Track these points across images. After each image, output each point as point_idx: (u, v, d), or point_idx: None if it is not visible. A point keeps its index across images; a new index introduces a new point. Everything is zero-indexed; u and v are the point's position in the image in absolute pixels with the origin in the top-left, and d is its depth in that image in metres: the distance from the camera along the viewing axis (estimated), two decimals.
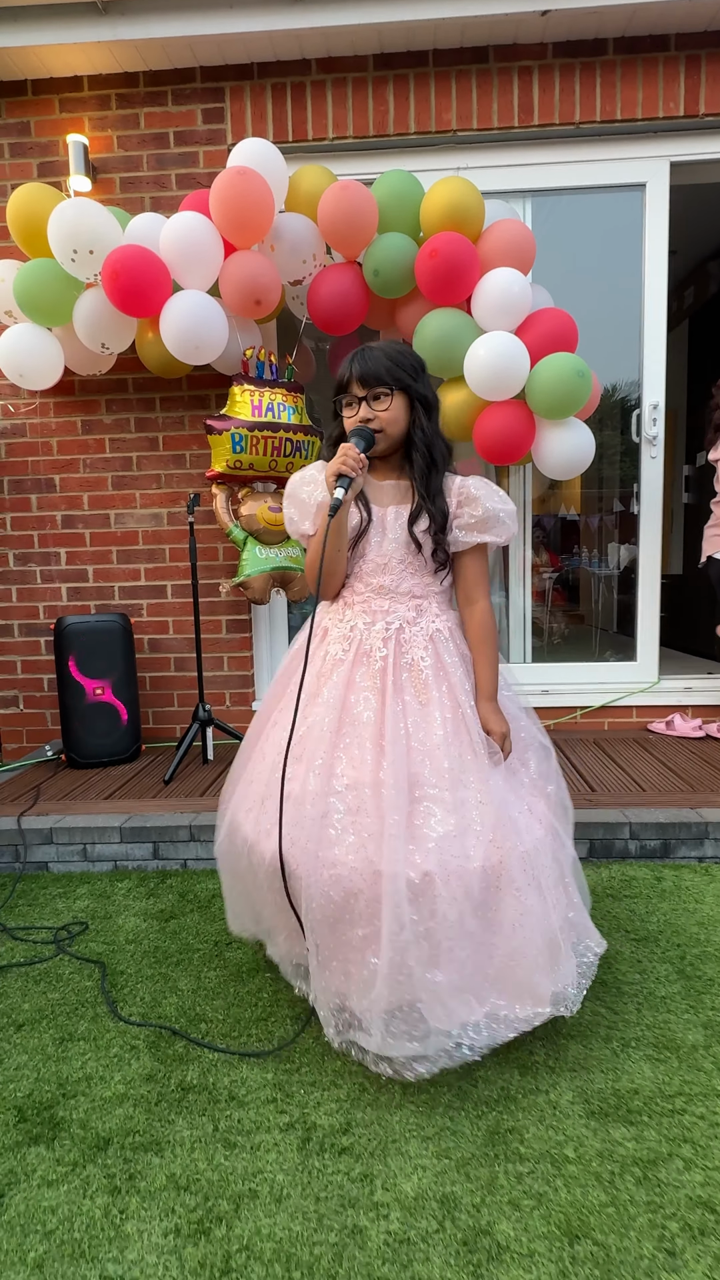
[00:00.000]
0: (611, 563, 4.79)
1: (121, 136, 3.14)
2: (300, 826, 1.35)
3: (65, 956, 1.81)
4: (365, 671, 1.44)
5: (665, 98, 3.00)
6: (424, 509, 1.47)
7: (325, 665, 1.49)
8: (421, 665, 1.45)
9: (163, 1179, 1.15)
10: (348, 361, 1.47)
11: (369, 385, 1.44)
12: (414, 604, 1.50)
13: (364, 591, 1.51)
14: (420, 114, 3.05)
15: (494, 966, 1.32)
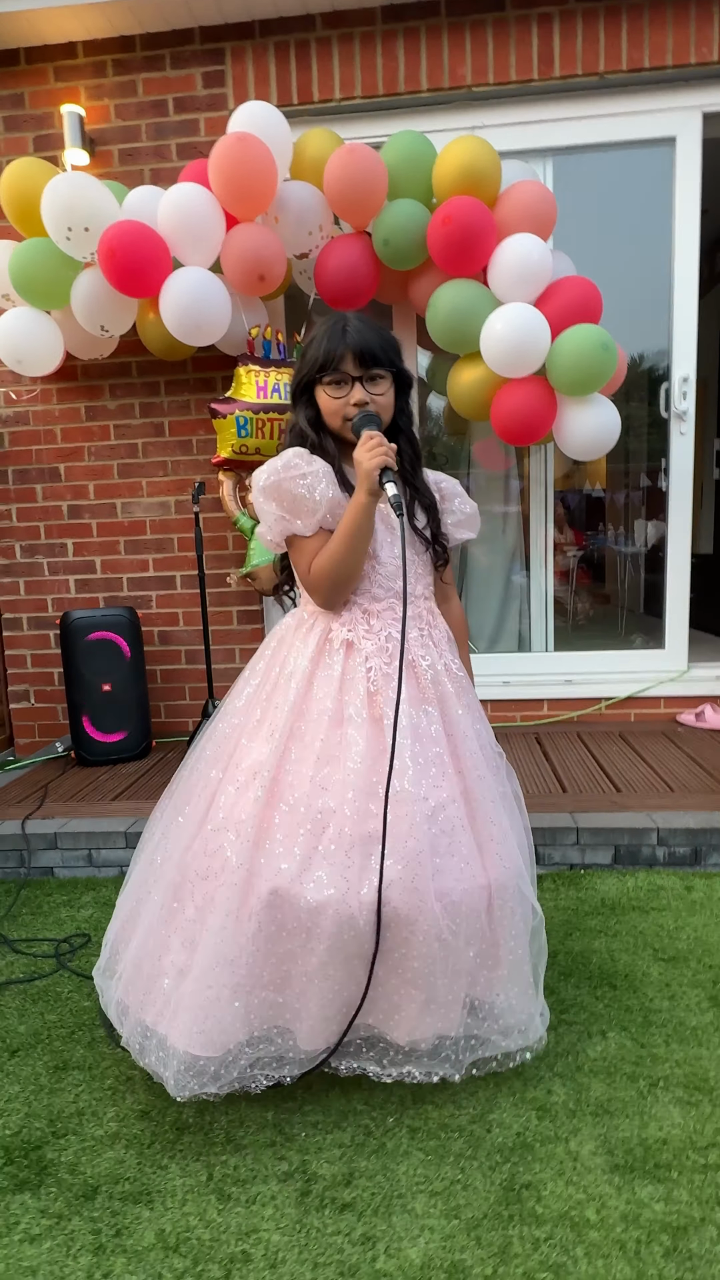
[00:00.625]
0: (639, 540, 4.60)
1: (119, 105, 2.99)
2: (404, 866, 1.17)
3: (65, 973, 1.75)
4: (416, 684, 1.34)
5: (698, 42, 2.77)
6: (417, 503, 1.37)
7: (374, 684, 1.29)
8: (454, 668, 1.39)
9: (151, 1236, 1.07)
10: (336, 334, 1.29)
11: (367, 364, 1.29)
12: (427, 606, 1.42)
13: (385, 597, 1.35)
14: (433, 69, 2.85)
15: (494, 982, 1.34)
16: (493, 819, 1.30)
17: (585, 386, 2.51)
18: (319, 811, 1.22)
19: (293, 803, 1.24)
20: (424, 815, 1.22)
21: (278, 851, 1.21)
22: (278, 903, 1.19)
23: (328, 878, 1.18)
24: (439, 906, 1.19)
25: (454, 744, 1.32)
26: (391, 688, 1.26)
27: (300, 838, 1.21)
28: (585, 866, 2.13)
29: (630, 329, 2.82)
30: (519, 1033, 1.31)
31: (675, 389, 3.03)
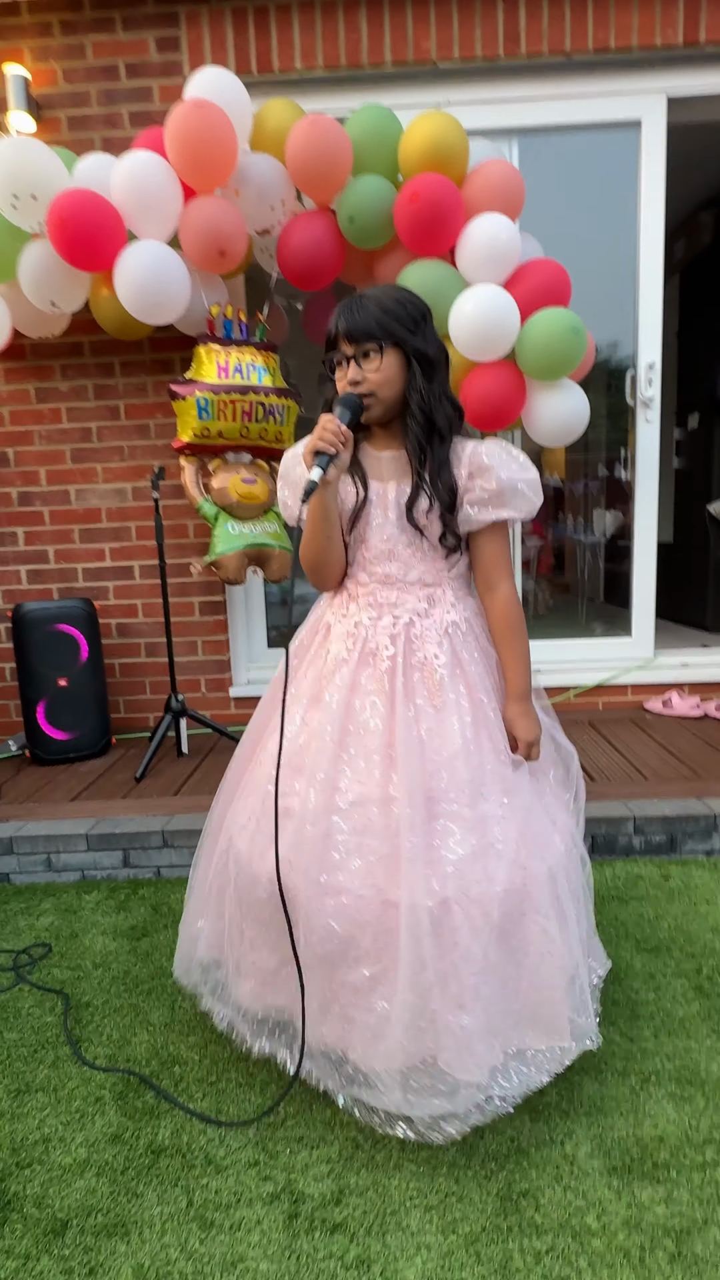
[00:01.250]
0: (599, 530, 4.63)
1: (67, 69, 2.83)
2: (299, 848, 1.19)
3: (25, 987, 1.65)
4: (371, 673, 1.25)
5: (663, 24, 2.74)
6: (422, 488, 1.25)
7: (328, 666, 1.29)
8: (435, 664, 1.25)
9: (128, 1272, 1.00)
10: (336, 314, 1.24)
11: (357, 341, 1.22)
12: (425, 593, 1.29)
13: (368, 582, 1.30)
14: (396, 42, 2.77)
15: (520, 1002, 1.17)
16: (423, 836, 1.15)
17: (555, 371, 2.48)
18: (262, 779, 1.31)
19: (255, 765, 1.36)
20: (331, 805, 1.20)
21: (237, 812, 1.35)
22: (229, 849, 1.32)
23: (245, 837, 1.30)
24: (329, 902, 1.16)
25: (392, 744, 1.21)
26: (340, 674, 1.27)
27: (253, 797, 1.33)
28: None
29: (591, 317, 2.77)
30: (402, 1093, 1.13)
31: (641, 375, 3.02)
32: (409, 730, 1.21)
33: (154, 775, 2.59)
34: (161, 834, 2.13)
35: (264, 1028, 1.31)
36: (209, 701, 3.19)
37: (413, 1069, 1.11)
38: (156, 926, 1.86)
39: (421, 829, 1.16)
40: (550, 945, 1.16)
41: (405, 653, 1.26)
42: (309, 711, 1.29)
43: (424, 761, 1.20)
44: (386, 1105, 1.14)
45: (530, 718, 1.28)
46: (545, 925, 1.16)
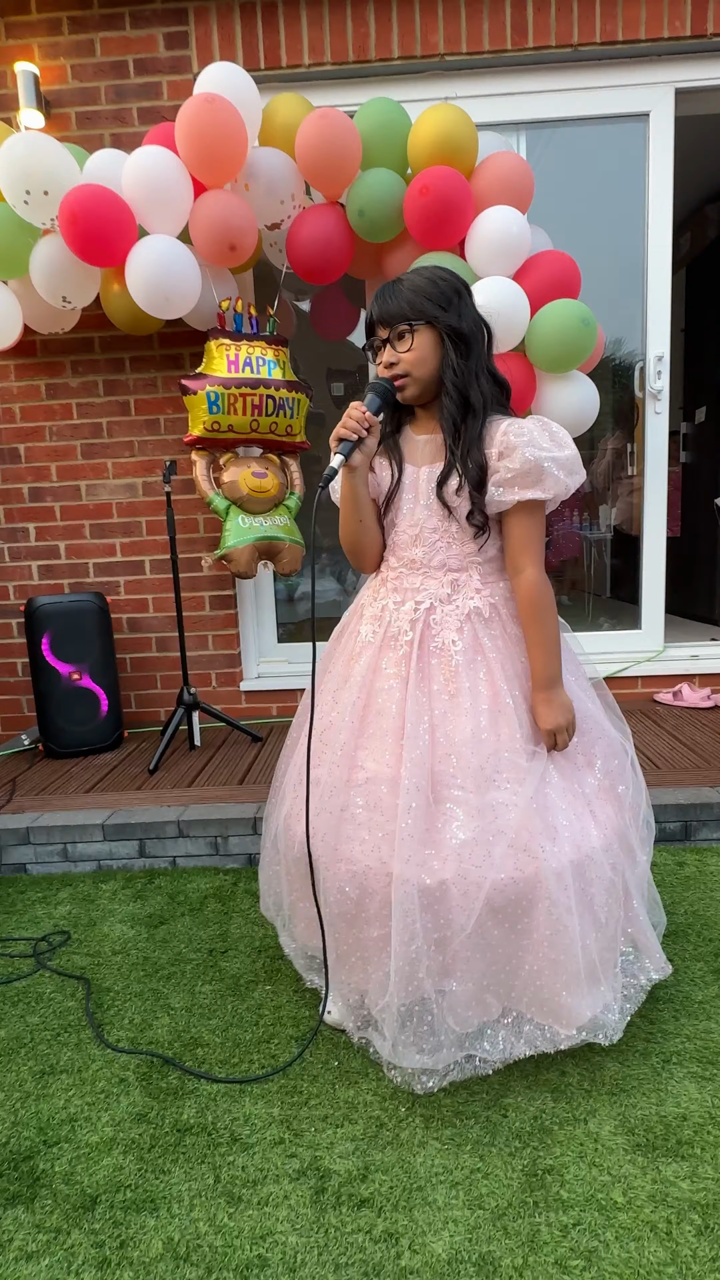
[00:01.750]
0: (603, 525, 4.63)
1: (76, 66, 2.85)
2: (321, 816, 1.29)
3: (46, 972, 1.66)
4: (391, 657, 1.29)
5: (670, 15, 2.75)
6: (453, 467, 1.25)
7: (356, 647, 1.36)
8: (452, 650, 1.26)
9: (159, 1246, 1.01)
10: (373, 300, 1.27)
11: (389, 324, 1.24)
12: (449, 579, 1.30)
13: (397, 566, 1.34)
14: (404, 36, 2.78)
15: (520, 979, 1.20)
16: (423, 819, 1.19)
17: (565, 363, 2.48)
18: (300, 754, 1.37)
19: (296, 745, 1.44)
20: (350, 780, 1.27)
21: (286, 781, 1.45)
22: (277, 816, 1.46)
23: (283, 808, 1.41)
24: (343, 869, 1.24)
25: (402, 724, 1.24)
26: (366, 655, 1.32)
27: (290, 774, 1.43)
28: None
29: (599, 309, 2.77)
30: (405, 1048, 1.21)
31: (650, 367, 3.03)
32: (419, 715, 1.23)
33: (167, 768, 2.61)
34: (177, 824, 2.14)
35: (314, 963, 1.48)
36: (220, 695, 3.20)
37: (405, 1021, 1.21)
38: (174, 914, 1.87)
39: (423, 811, 1.19)
40: (561, 935, 1.16)
41: (423, 638, 1.28)
42: (340, 690, 1.35)
43: (433, 746, 1.22)
44: (383, 1051, 1.24)
45: (552, 705, 1.25)
46: (557, 913, 1.15)
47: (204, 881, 2.04)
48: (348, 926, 1.27)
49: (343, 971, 1.31)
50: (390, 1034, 1.21)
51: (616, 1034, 1.24)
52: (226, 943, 1.73)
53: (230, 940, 1.73)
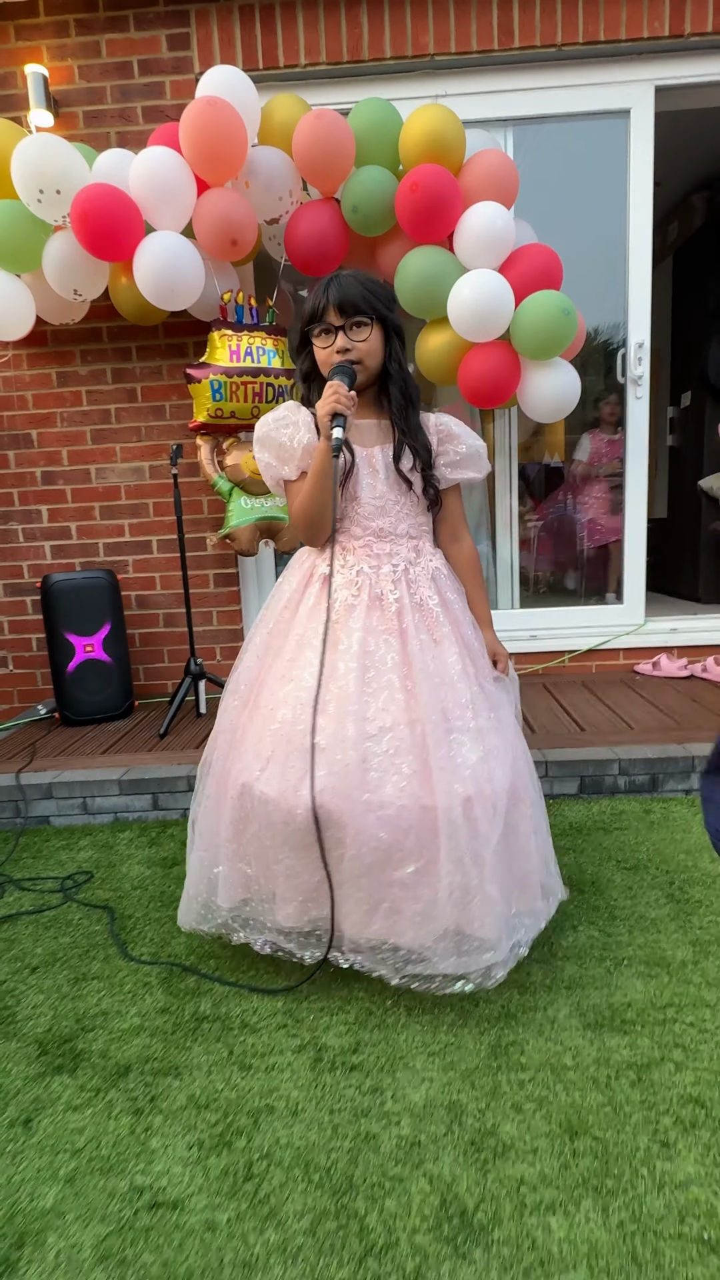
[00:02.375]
0: None
1: (83, 66, 2.99)
2: (338, 774, 1.33)
3: (73, 904, 1.86)
4: (380, 615, 1.44)
5: (650, 16, 2.88)
6: (406, 445, 1.46)
7: (338, 612, 1.44)
8: (430, 604, 1.47)
9: (183, 1099, 1.21)
10: (322, 288, 1.42)
11: (347, 314, 1.41)
12: (412, 544, 1.51)
13: (363, 535, 1.48)
14: (396, 37, 2.92)
15: (515, 874, 1.42)
16: (454, 747, 1.37)
17: (548, 350, 2.64)
18: (278, 721, 1.41)
19: (264, 711, 1.45)
20: (362, 734, 1.35)
21: (247, 751, 1.44)
22: (245, 794, 1.42)
23: (274, 778, 1.39)
24: (372, 817, 1.32)
25: (412, 673, 1.40)
26: (353, 616, 1.43)
27: (265, 741, 1.42)
28: (554, 796, 2.31)
29: (586, 299, 2.92)
30: (456, 957, 1.34)
31: (631, 354, 3.18)
32: (422, 660, 1.41)
33: (175, 733, 2.79)
34: (187, 779, 2.33)
35: (310, 938, 1.44)
36: (223, 668, 3.39)
37: (450, 940, 1.33)
38: (186, 857, 2.06)
39: (444, 742, 1.37)
40: (534, 827, 1.44)
41: (407, 594, 1.46)
42: (330, 654, 1.41)
43: (436, 686, 1.41)
44: (444, 970, 1.33)
45: (497, 640, 1.60)
46: (530, 813, 1.43)
47: None
48: (378, 875, 1.32)
49: (373, 922, 1.34)
50: (451, 951, 1.32)
51: (566, 890, 1.58)
52: None
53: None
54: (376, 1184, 1.04)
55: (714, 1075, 1.19)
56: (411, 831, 1.33)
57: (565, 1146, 1.08)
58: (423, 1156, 1.08)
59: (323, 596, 1.46)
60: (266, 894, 1.44)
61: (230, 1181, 1.06)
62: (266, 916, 1.45)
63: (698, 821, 2.10)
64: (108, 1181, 1.07)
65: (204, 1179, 1.06)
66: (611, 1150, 1.07)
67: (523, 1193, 1.01)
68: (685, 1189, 1.01)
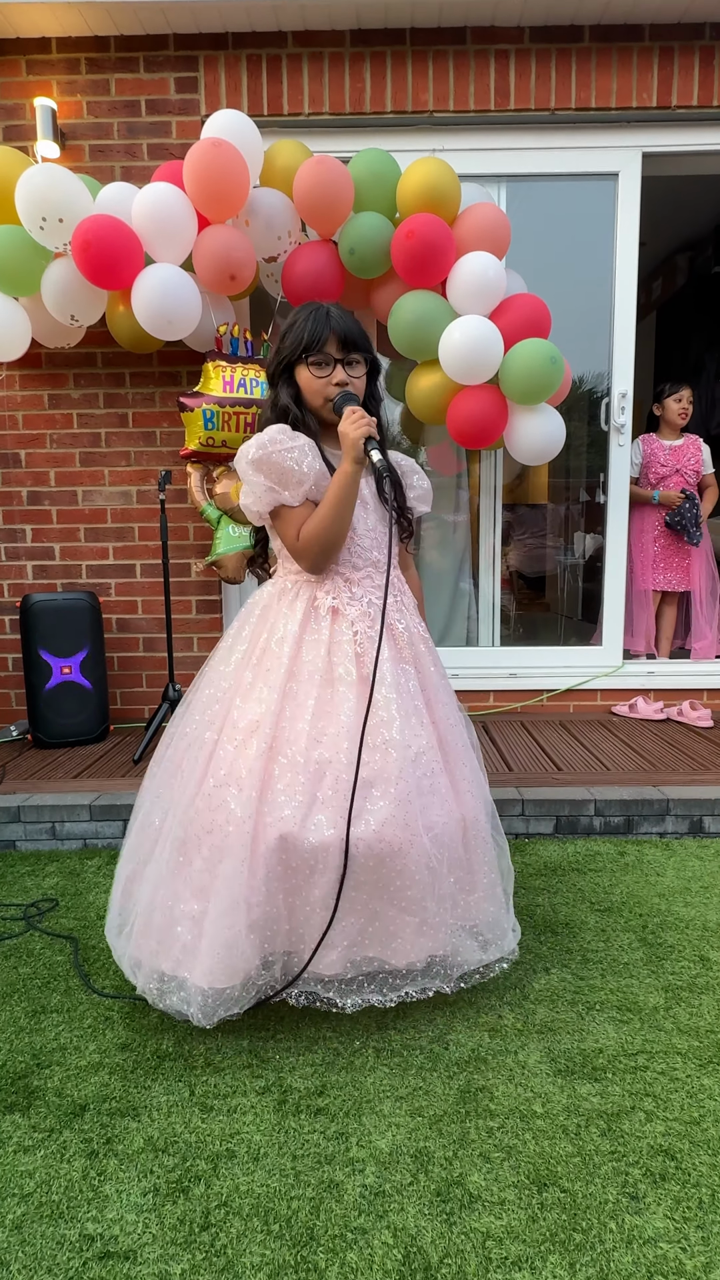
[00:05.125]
0: (577, 551, 4.87)
1: (91, 102, 3.07)
2: (399, 804, 1.32)
3: (35, 933, 1.80)
4: (394, 645, 1.47)
5: (639, 88, 3.03)
6: (388, 480, 1.44)
7: (360, 646, 1.41)
8: (422, 633, 1.55)
9: (140, 1142, 1.16)
10: (321, 319, 1.42)
11: (348, 349, 1.44)
12: (397, 575, 1.54)
13: (363, 566, 1.48)
14: (397, 93, 3.03)
15: None
16: (463, 761, 1.50)
17: (534, 396, 2.71)
18: (315, 762, 1.34)
19: (290, 755, 1.34)
20: (409, 760, 1.36)
21: (280, 800, 1.32)
22: (285, 846, 1.30)
23: (328, 820, 1.31)
24: (427, 839, 1.35)
25: (428, 698, 1.49)
26: (382, 649, 1.42)
27: (300, 786, 1.32)
28: (529, 835, 2.30)
29: (571, 350, 3.00)
30: (494, 945, 1.49)
31: (615, 404, 3.27)
32: (436, 685, 1.50)
33: (150, 758, 2.75)
34: None
35: (353, 984, 1.39)
36: None
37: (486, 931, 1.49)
38: None
39: (461, 760, 1.50)
40: (498, 849, 1.55)
41: (409, 626, 1.51)
42: (326, 688, 1.38)
43: (444, 707, 1.50)
44: (489, 958, 1.48)
45: None
46: (497, 835, 1.56)
47: None
48: (431, 890, 1.34)
49: (421, 944, 1.35)
50: (491, 938, 1.48)
51: None
52: None
53: None
54: (338, 1235, 1.01)
55: (684, 1126, 1.17)
56: (453, 845, 1.41)
57: (533, 1198, 1.05)
58: (387, 1207, 1.05)
59: (336, 630, 1.42)
60: (307, 947, 1.34)
61: (186, 1231, 1.01)
62: (311, 967, 1.35)
63: (672, 864, 2.10)
64: (57, 1229, 1.02)
65: (159, 1228, 1.02)
66: (580, 1202, 1.05)
67: (489, 1247, 0.98)
68: (654, 1244, 0.98)
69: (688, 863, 2.11)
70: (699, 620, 3.55)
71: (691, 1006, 1.47)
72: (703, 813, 2.28)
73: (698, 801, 2.28)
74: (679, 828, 2.29)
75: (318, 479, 1.42)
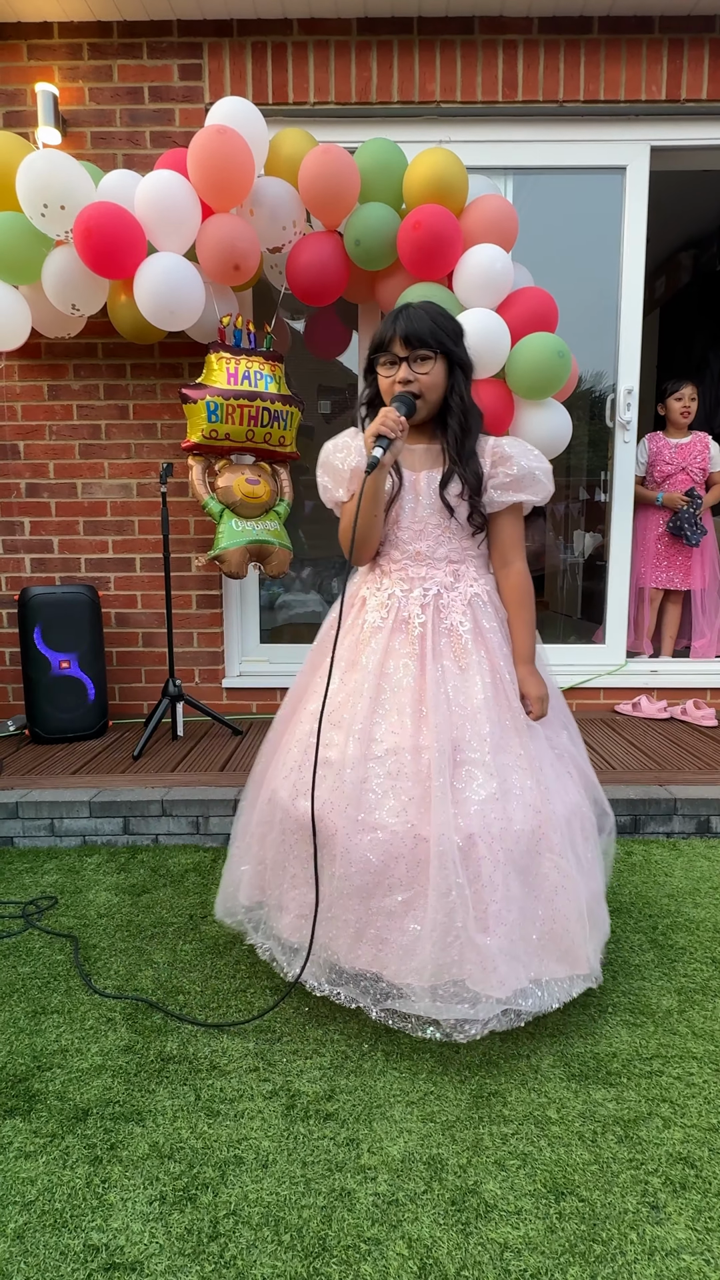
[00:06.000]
0: (577, 550, 4.85)
1: (93, 89, 3.02)
2: (339, 790, 1.36)
3: (34, 931, 1.77)
4: (404, 638, 1.44)
5: (648, 81, 3.00)
6: (455, 473, 1.44)
7: (364, 633, 1.48)
8: (460, 630, 1.45)
9: (145, 1148, 1.13)
10: (390, 319, 1.43)
11: (413, 346, 1.41)
12: (451, 569, 1.49)
13: (400, 559, 1.49)
14: (404, 82, 3.00)
15: (538, 931, 1.32)
16: (449, 779, 1.32)
17: (542, 390, 2.68)
18: (302, 733, 1.49)
19: (297, 724, 1.53)
20: (368, 753, 1.37)
21: (280, 765, 1.50)
22: (271, 800, 1.48)
23: (289, 785, 1.45)
24: (365, 838, 1.32)
25: (423, 699, 1.38)
26: (377, 639, 1.44)
27: (293, 751, 1.49)
28: None
29: (575, 345, 2.97)
30: (430, 1000, 1.27)
31: (621, 399, 3.24)
32: (438, 687, 1.39)
33: (150, 755, 2.72)
34: (161, 803, 2.26)
35: (300, 956, 1.42)
36: (202, 691, 3.33)
37: (440, 983, 1.26)
38: (156, 885, 1.99)
39: (448, 773, 1.33)
40: (565, 881, 1.32)
41: (434, 620, 1.45)
42: (347, 674, 1.47)
43: (450, 715, 1.37)
44: (418, 1011, 1.28)
45: (537, 677, 1.46)
46: (560, 863, 1.32)
47: (185, 857, 2.16)
48: (365, 900, 1.30)
49: (358, 948, 1.31)
50: (424, 991, 1.25)
51: (601, 976, 1.42)
52: (206, 910, 1.85)
53: (210, 908, 1.85)
54: (351, 1246, 0.98)
55: (703, 1133, 1.15)
56: (402, 860, 1.30)
57: (550, 1207, 1.03)
58: (401, 1216, 1.02)
59: (358, 619, 1.52)
60: (275, 900, 1.48)
61: (194, 1241, 0.98)
62: (274, 922, 1.49)
63: (680, 865, 2.07)
64: (60, 1239, 0.99)
65: (165, 1238, 0.99)
66: (599, 1212, 1.02)
67: (506, 1258, 0.96)
68: (677, 1256, 0.96)
69: (696, 863, 2.08)
70: (699, 619, 3.53)
71: (705, 1010, 1.44)
72: (710, 812, 2.26)
73: (705, 801, 2.26)
74: (686, 827, 2.27)
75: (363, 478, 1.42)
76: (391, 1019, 1.37)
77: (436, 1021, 1.34)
